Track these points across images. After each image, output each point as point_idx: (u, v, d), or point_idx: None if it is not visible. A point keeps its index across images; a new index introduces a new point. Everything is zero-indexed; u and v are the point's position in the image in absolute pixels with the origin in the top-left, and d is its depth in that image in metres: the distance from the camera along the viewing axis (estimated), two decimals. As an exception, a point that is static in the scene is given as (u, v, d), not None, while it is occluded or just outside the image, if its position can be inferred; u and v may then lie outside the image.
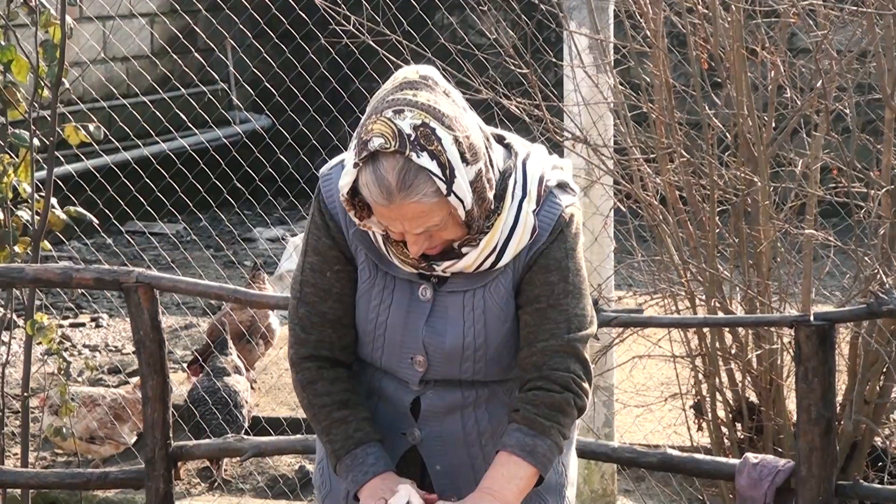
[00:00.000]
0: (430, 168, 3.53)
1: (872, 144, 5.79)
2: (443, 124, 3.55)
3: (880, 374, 5.70)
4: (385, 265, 3.76)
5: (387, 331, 3.78)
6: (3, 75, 6.29)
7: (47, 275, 5.73)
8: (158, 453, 5.46)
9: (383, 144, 3.52)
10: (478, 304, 3.75)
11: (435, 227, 3.59)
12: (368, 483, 3.73)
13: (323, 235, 3.79)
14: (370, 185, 3.54)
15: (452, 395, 3.82)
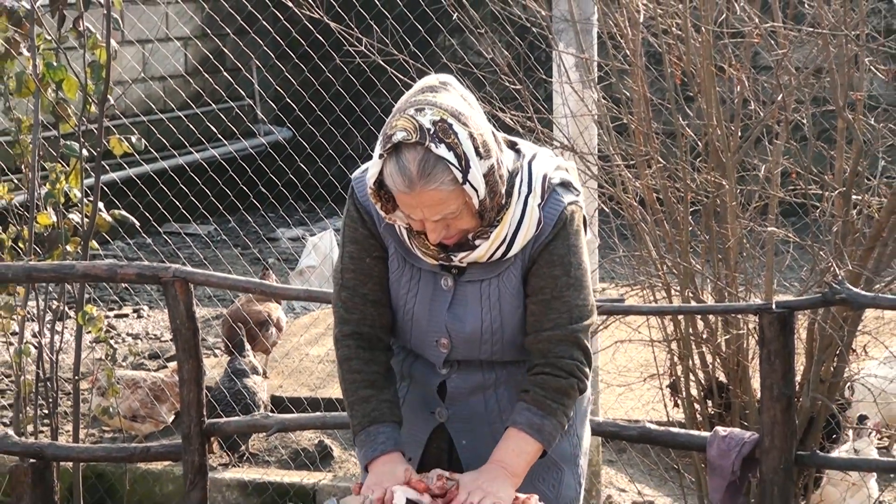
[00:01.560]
0: (448, 158, 3.56)
1: (826, 151, 5.78)
2: (459, 121, 3.58)
3: (834, 356, 5.68)
4: (411, 258, 3.78)
5: (414, 317, 3.80)
6: (56, 93, 6.29)
7: (95, 271, 5.75)
8: (194, 430, 5.47)
9: (406, 137, 3.55)
10: (493, 292, 3.77)
11: (452, 214, 3.61)
12: (378, 460, 3.74)
13: (360, 227, 3.80)
14: (394, 175, 3.57)
15: (474, 378, 3.83)
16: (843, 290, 5.05)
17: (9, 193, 6.53)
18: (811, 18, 5.76)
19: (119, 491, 7.21)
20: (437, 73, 3.76)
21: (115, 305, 10.19)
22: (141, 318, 9.98)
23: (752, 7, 5.79)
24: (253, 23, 11.26)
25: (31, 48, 6.26)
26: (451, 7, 6.67)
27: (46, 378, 6.44)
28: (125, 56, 11.21)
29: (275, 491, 7.12)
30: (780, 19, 5.75)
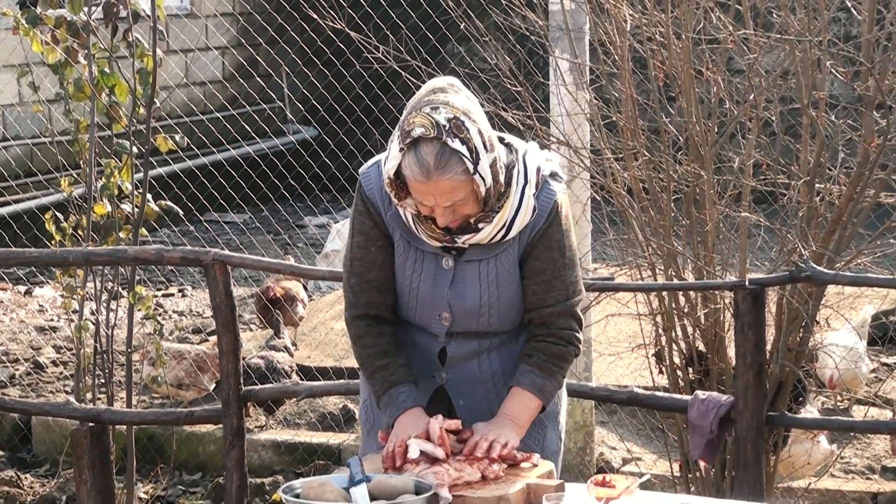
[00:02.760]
0: (462, 151, 3.61)
1: (793, 145, 5.78)
2: (469, 118, 3.63)
3: (800, 327, 5.68)
4: (416, 241, 3.81)
5: (419, 294, 3.84)
6: (109, 96, 6.31)
7: (145, 255, 5.78)
8: (232, 396, 5.49)
9: (424, 132, 3.59)
10: (491, 270, 3.81)
11: (460, 201, 3.64)
12: (401, 416, 3.78)
13: (366, 219, 3.84)
14: (412, 166, 3.61)
15: (471, 345, 3.88)
16: (807, 269, 5.09)
17: (69, 186, 6.56)
18: (779, 26, 5.75)
19: (167, 451, 7.23)
20: (444, 76, 3.80)
21: (162, 286, 10.23)
22: (185, 297, 10.02)
23: (726, 16, 5.77)
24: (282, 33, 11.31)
25: (87, 56, 6.28)
26: (459, 18, 6.68)
27: (103, 351, 6.47)
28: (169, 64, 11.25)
29: (304, 450, 7.14)
30: (751, 27, 5.73)
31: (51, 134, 6.81)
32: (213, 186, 10.18)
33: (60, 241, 6.38)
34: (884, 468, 6.50)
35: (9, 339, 8.80)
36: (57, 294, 8.41)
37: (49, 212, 6.49)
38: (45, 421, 7.39)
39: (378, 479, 3.58)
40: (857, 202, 5.63)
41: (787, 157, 5.82)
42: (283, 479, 6.79)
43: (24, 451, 7.52)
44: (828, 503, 5.81)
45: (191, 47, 12.25)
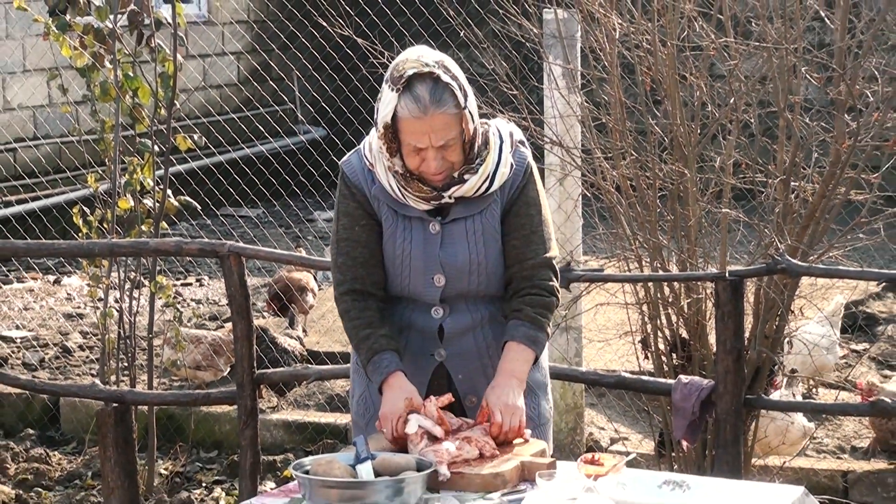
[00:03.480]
0: (453, 85, 3.63)
1: (770, 145, 5.78)
2: (451, 64, 3.69)
3: (776, 316, 5.69)
4: (402, 209, 3.80)
5: (412, 261, 3.82)
6: (132, 98, 6.33)
7: (165, 246, 5.80)
8: (246, 378, 5.50)
9: (418, 70, 3.62)
10: (477, 228, 3.82)
11: (451, 141, 3.65)
12: (385, 381, 3.77)
13: (350, 201, 3.83)
14: (408, 104, 3.62)
15: (465, 319, 3.86)
16: (783, 261, 5.10)
17: (95, 183, 6.58)
18: (757, 35, 5.75)
19: (185, 430, 7.25)
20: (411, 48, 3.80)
21: (181, 276, 10.24)
22: (202, 286, 10.03)
23: (708, 25, 5.78)
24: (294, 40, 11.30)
25: (112, 61, 6.31)
26: (459, 26, 6.69)
27: (126, 336, 6.49)
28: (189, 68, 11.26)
29: (313, 429, 7.15)
30: (731, 35, 5.74)
31: (78, 133, 6.82)
32: (229, 183, 10.19)
33: (87, 234, 6.40)
34: (853, 448, 6.52)
35: (39, 326, 8.81)
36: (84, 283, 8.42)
37: (76, 206, 6.51)
38: (72, 402, 7.41)
39: (382, 456, 3.59)
40: (829, 199, 5.63)
41: (764, 156, 5.83)
42: (293, 457, 6.80)
43: (53, 430, 7.54)
44: (801, 480, 5.81)
45: (208, 53, 12.26)
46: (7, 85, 11.06)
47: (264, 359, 6.93)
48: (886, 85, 5.56)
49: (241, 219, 11.35)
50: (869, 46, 5.60)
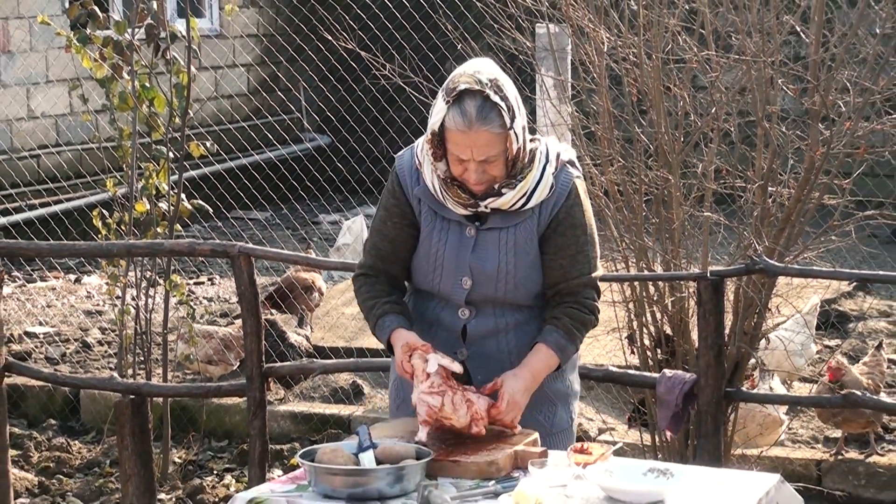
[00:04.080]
0: (501, 105, 3.57)
1: (749, 153, 5.77)
2: (506, 84, 3.63)
3: (754, 314, 5.69)
4: (442, 211, 3.76)
5: (444, 261, 3.77)
6: (149, 108, 6.33)
7: (179, 247, 5.79)
8: (255, 372, 5.48)
9: (469, 86, 3.56)
10: (510, 239, 3.76)
11: (493, 157, 3.60)
12: (391, 337, 3.77)
13: (391, 197, 3.81)
14: (455, 117, 3.57)
15: (489, 322, 3.82)
16: (761, 262, 5.09)
17: (114, 187, 6.58)
18: (737, 48, 5.76)
19: (198, 420, 7.24)
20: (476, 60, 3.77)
21: (193, 275, 10.25)
22: (214, 285, 10.03)
23: (691, 39, 5.78)
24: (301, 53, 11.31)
25: (130, 72, 6.31)
26: (457, 40, 6.69)
27: (142, 332, 6.49)
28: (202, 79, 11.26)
29: (318, 420, 7.15)
30: (713, 49, 5.74)
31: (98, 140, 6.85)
32: (239, 187, 10.19)
33: (106, 236, 6.40)
34: (826, 438, 6.52)
35: (60, 322, 8.82)
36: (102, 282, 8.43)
37: (96, 209, 6.52)
38: (91, 394, 7.42)
39: (383, 445, 3.59)
40: (804, 204, 5.63)
41: (743, 163, 5.82)
42: (299, 446, 6.80)
43: (74, 420, 7.54)
44: (777, 469, 5.81)
45: (220, 65, 12.27)
46: (31, 94, 11.07)
47: (272, 353, 6.93)
48: (857, 96, 5.57)
49: (250, 221, 11.35)
50: (841, 59, 5.61)
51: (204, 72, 11.78)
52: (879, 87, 5.59)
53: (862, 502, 6.06)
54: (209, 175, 10.23)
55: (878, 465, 6.12)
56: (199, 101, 11.64)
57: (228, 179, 10.40)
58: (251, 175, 10.54)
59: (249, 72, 13.02)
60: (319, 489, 3.50)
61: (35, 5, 10.86)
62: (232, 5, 7.07)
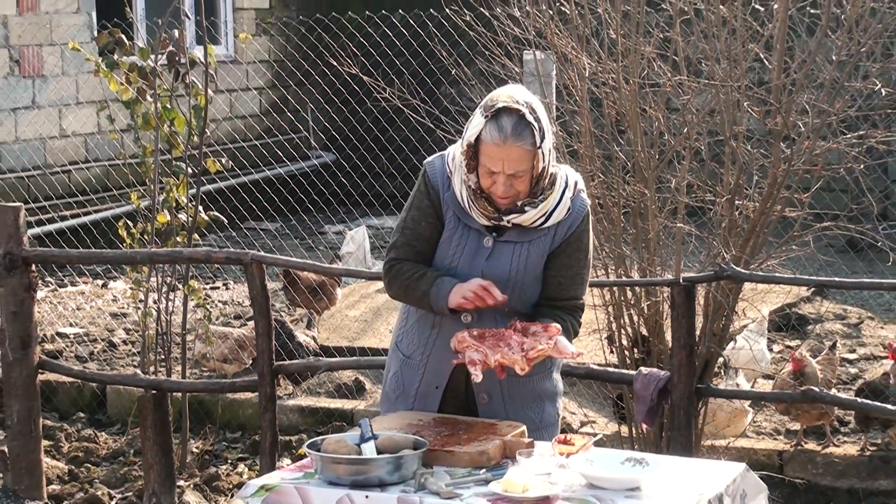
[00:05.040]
0: (534, 125, 3.56)
1: (717, 169, 5.80)
2: (539, 108, 3.62)
3: (722, 316, 5.71)
4: (465, 219, 3.73)
5: (459, 264, 3.75)
6: (170, 127, 6.33)
7: (197, 255, 5.79)
8: (266, 369, 5.50)
9: (507, 105, 3.55)
10: (523, 253, 3.74)
11: (521, 172, 3.58)
12: (451, 290, 3.68)
13: (424, 198, 3.77)
14: (492, 132, 3.56)
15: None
16: (729, 269, 5.11)
17: (138, 200, 6.58)
18: (707, 74, 5.77)
19: (214, 414, 7.22)
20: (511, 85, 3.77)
21: (210, 280, 10.22)
22: (228, 290, 10.01)
23: (665, 65, 5.80)
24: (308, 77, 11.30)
25: (153, 95, 6.31)
26: (451, 65, 6.69)
27: (163, 332, 6.48)
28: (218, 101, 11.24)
29: (323, 414, 7.13)
30: (685, 74, 5.76)
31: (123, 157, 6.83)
32: (252, 200, 10.18)
33: (130, 244, 6.40)
34: (787, 430, 6.52)
35: (89, 323, 8.80)
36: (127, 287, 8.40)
37: (121, 220, 6.51)
38: (117, 389, 7.40)
39: (384, 436, 3.58)
40: (768, 216, 5.65)
41: (713, 179, 5.84)
42: (306, 437, 6.79)
43: (101, 413, 7.52)
44: (743, 458, 5.81)
45: (235, 88, 12.27)
46: (63, 115, 11.06)
47: (282, 352, 6.93)
48: (816, 117, 5.59)
49: (261, 231, 11.35)
50: (801, 84, 5.63)
51: (220, 95, 11.78)
52: (835, 110, 5.62)
53: (819, 489, 6.05)
54: (224, 189, 10.22)
55: (834, 456, 6.11)
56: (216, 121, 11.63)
57: (242, 193, 10.39)
58: (263, 189, 10.53)
59: (261, 95, 13.02)
60: (325, 477, 3.49)
61: (67, 33, 10.86)
62: (245, 34, 7.07)
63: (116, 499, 6.14)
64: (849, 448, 6.18)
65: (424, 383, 3.86)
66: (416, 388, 3.86)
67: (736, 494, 3.58)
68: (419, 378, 3.87)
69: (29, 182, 10.67)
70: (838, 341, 6.92)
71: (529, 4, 6.03)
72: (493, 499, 3.34)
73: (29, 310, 5.83)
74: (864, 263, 8.96)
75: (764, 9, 5.74)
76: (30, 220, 6.37)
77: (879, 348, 7.66)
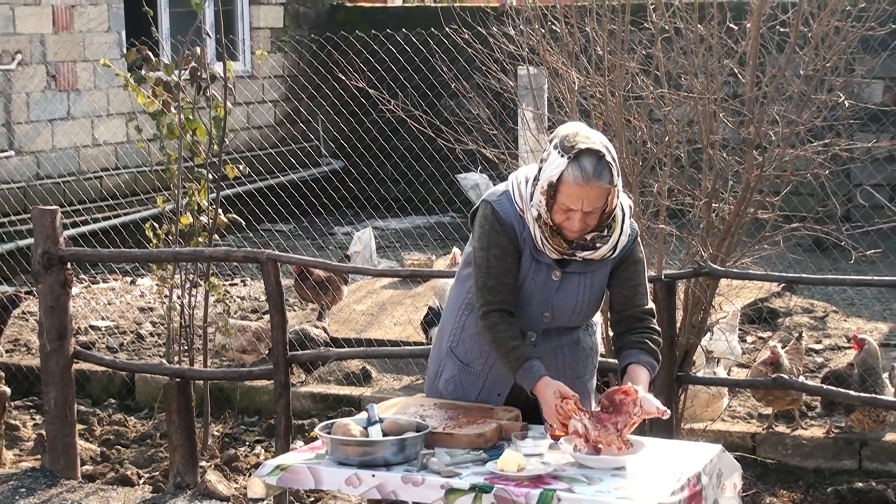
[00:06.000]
0: (611, 164, 3.48)
1: (696, 175, 5.80)
2: (611, 147, 3.54)
3: (700, 310, 5.71)
4: (537, 254, 3.64)
5: (531, 297, 3.67)
6: (192, 137, 6.32)
7: (217, 254, 5.79)
8: (281, 359, 5.49)
9: (588, 146, 3.47)
10: (587, 283, 3.68)
11: (597, 209, 3.50)
12: (538, 382, 3.59)
13: (502, 237, 3.64)
14: (574, 172, 3.46)
15: (551, 342, 3.73)
16: (706, 267, 5.11)
17: (163, 203, 6.56)
18: (686, 87, 5.77)
19: (232, 400, 7.21)
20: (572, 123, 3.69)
21: (229, 277, 10.21)
22: (246, 286, 10.00)
23: (648, 80, 5.80)
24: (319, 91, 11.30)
25: (176, 107, 6.30)
26: (451, 80, 6.69)
27: (186, 325, 6.46)
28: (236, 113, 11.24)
29: (333, 399, 7.11)
30: (666, 88, 5.75)
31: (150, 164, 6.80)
32: (267, 204, 10.17)
33: (156, 244, 6.38)
34: (759, 415, 6.51)
35: (119, 317, 8.79)
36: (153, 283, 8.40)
37: (148, 222, 6.49)
38: (144, 377, 7.38)
39: (389, 419, 3.58)
40: (742, 217, 5.64)
41: (692, 184, 5.83)
42: (317, 421, 6.78)
43: (130, 399, 7.51)
44: (719, 440, 5.80)
45: (251, 101, 12.26)
46: (95, 126, 11.06)
47: (295, 343, 6.92)
48: (785, 127, 5.58)
49: (276, 232, 11.34)
50: (772, 97, 5.62)
51: (238, 107, 11.77)
52: (803, 120, 5.61)
53: (789, 468, 6.04)
54: (242, 193, 10.20)
55: (802, 438, 6.10)
56: (234, 131, 11.63)
57: (258, 197, 10.38)
58: (277, 193, 10.52)
59: (276, 107, 13.01)
60: (335, 457, 3.48)
61: (98, 50, 10.85)
62: (261, 51, 7.05)
63: (144, 478, 6.12)
64: (815, 431, 6.17)
65: (485, 390, 3.80)
66: (476, 394, 3.80)
67: (713, 473, 3.57)
68: (480, 385, 3.81)
69: (64, 187, 10.66)
70: (805, 333, 6.91)
71: (523, 23, 6.02)
72: (490, 477, 3.33)
73: (64, 304, 5.82)
74: (829, 261, 8.97)
75: (737, 27, 5.73)
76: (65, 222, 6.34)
77: (843, 339, 7.65)
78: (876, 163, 9.75)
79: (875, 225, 10.29)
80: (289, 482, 3.49)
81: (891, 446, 5.88)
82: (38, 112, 10.55)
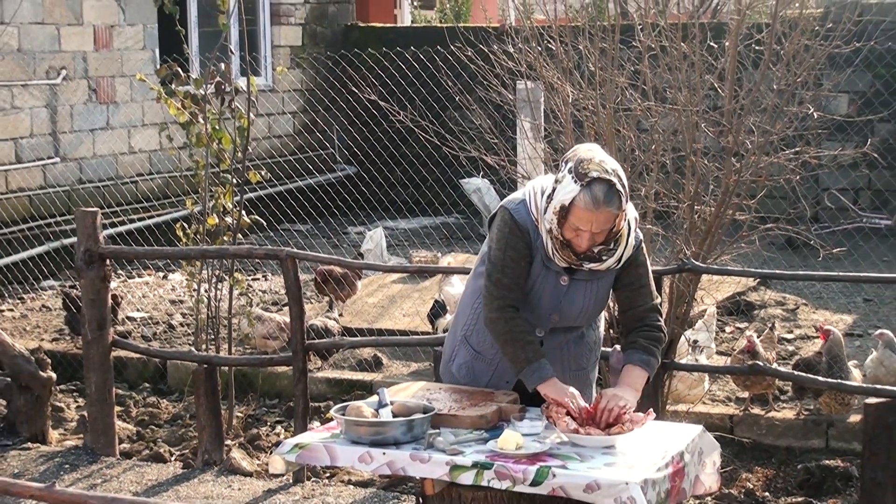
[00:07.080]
0: (621, 192, 3.43)
1: (680, 180, 5.78)
2: (621, 171, 3.48)
3: (684, 303, 5.69)
4: (548, 262, 3.59)
5: (540, 301, 3.63)
6: (218, 145, 6.31)
7: (240, 252, 5.79)
8: (299, 346, 5.48)
9: (600, 174, 3.41)
10: (593, 289, 3.62)
11: (605, 230, 3.45)
12: (547, 381, 3.55)
13: (519, 241, 3.58)
14: (585, 198, 3.40)
15: (557, 338, 3.69)
16: (689, 263, 5.09)
17: (192, 205, 6.55)
18: (671, 100, 5.76)
19: (255, 384, 7.18)
20: (586, 144, 3.62)
21: (251, 273, 10.19)
22: (267, 281, 9.97)
23: (636, 93, 5.79)
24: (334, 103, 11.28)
25: (204, 118, 6.29)
26: (455, 93, 6.68)
27: (213, 316, 6.46)
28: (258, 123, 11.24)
29: (347, 384, 7.09)
30: (653, 100, 5.74)
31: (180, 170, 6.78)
32: (286, 206, 10.15)
33: (186, 243, 6.37)
34: (737, 398, 6.50)
35: (152, 309, 8.78)
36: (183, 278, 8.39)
37: (179, 223, 6.48)
38: (175, 363, 7.38)
39: (398, 402, 3.56)
40: (721, 218, 5.63)
41: (676, 188, 5.82)
42: (333, 403, 6.76)
43: (162, 384, 7.50)
44: (700, 421, 5.78)
45: (272, 112, 12.24)
46: (131, 135, 11.06)
47: (312, 333, 6.90)
48: (760, 136, 5.58)
49: (294, 232, 11.31)
50: (748, 109, 5.61)
51: (260, 118, 11.76)
52: (776, 130, 5.61)
53: (763, 447, 6.03)
54: (264, 196, 10.19)
55: (776, 419, 6.09)
56: (256, 140, 11.61)
57: (278, 200, 10.37)
58: (296, 196, 10.50)
59: (295, 118, 13.00)
60: (348, 437, 3.46)
61: (135, 66, 10.85)
62: (282, 67, 7.05)
63: (175, 455, 6.12)
64: (787, 413, 6.16)
65: (496, 377, 3.76)
66: (486, 380, 3.76)
67: (695, 451, 3.56)
68: (490, 373, 3.76)
69: (104, 191, 10.66)
70: (777, 324, 6.89)
71: (521, 42, 6.01)
72: (491, 455, 3.32)
73: (104, 297, 5.81)
74: (799, 258, 8.96)
75: (717, 46, 5.72)
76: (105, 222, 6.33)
77: (812, 330, 7.63)
78: (841, 169, 9.74)
79: (841, 225, 10.28)
80: (307, 459, 3.47)
81: (854, 427, 5.86)
82: (81, 122, 10.55)
